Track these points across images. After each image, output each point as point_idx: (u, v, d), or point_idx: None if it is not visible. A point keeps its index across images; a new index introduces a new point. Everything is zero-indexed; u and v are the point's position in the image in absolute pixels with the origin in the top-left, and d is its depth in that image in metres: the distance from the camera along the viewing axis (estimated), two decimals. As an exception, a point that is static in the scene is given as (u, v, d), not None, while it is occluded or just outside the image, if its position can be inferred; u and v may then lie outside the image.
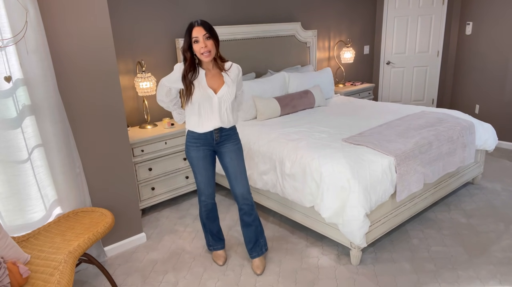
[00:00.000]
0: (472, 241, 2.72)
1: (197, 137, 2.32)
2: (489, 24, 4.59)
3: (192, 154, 2.37)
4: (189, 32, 2.11)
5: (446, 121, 3.19)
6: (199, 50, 2.11)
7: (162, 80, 2.33)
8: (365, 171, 2.43)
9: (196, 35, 2.09)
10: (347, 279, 2.39)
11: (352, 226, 2.33)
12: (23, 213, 2.26)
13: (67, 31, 2.30)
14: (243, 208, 2.44)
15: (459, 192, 3.46)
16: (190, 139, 2.36)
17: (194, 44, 2.11)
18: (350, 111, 3.78)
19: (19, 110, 2.19)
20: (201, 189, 2.47)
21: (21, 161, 2.22)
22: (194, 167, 2.41)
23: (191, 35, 2.10)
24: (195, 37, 2.09)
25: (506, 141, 4.60)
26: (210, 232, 2.62)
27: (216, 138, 2.32)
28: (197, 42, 2.10)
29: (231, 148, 2.37)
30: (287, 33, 4.43)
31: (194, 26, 2.10)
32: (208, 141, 2.33)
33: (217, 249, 2.64)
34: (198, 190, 2.50)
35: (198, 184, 2.47)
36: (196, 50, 2.12)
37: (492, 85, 4.65)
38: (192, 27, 2.10)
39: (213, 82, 2.23)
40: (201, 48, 2.10)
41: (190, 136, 2.35)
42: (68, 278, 1.72)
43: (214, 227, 2.61)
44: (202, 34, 2.09)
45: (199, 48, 2.10)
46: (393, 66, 5.63)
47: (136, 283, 2.46)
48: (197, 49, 2.11)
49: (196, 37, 2.09)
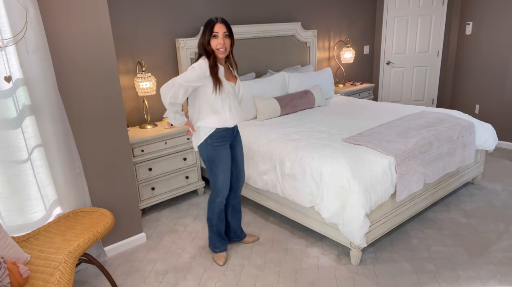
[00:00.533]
0: (472, 241, 2.72)
1: (224, 134, 2.34)
2: (489, 24, 4.59)
3: (221, 154, 2.35)
4: (211, 27, 2.16)
5: (446, 121, 3.19)
6: (216, 45, 2.18)
7: (178, 81, 2.19)
8: (365, 171, 2.43)
9: (217, 31, 2.16)
10: (347, 279, 2.39)
11: (352, 226, 2.34)
12: (23, 213, 2.27)
13: (67, 31, 2.30)
14: (238, 196, 2.66)
15: (459, 192, 3.47)
16: (216, 138, 2.31)
17: (212, 39, 2.18)
18: (350, 111, 3.78)
19: (19, 110, 2.19)
20: (220, 190, 2.44)
21: (21, 161, 2.22)
22: (218, 167, 2.36)
23: (212, 30, 2.16)
24: (215, 32, 2.16)
25: (506, 141, 4.60)
26: (218, 233, 2.60)
27: (235, 131, 2.44)
28: (215, 37, 2.17)
29: (240, 141, 2.55)
30: (287, 33, 4.43)
31: (216, 22, 2.17)
32: (230, 137, 2.40)
33: (223, 251, 2.63)
34: (215, 191, 2.45)
35: (218, 185, 2.42)
36: (213, 45, 2.18)
37: (492, 85, 4.65)
38: (213, 23, 2.17)
39: (228, 77, 2.31)
40: (218, 44, 2.17)
41: (217, 135, 2.31)
42: (68, 278, 1.72)
43: (222, 226, 2.61)
44: (223, 31, 2.17)
45: (216, 44, 2.17)
46: (393, 66, 5.63)
47: (136, 283, 2.46)
48: (214, 44, 2.18)
49: (217, 32, 2.16)
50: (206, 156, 2.37)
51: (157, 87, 3.59)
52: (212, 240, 2.63)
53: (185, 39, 3.58)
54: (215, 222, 2.56)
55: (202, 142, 2.35)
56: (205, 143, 2.34)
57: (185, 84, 2.18)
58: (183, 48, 3.58)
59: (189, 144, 3.44)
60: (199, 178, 3.61)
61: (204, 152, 2.37)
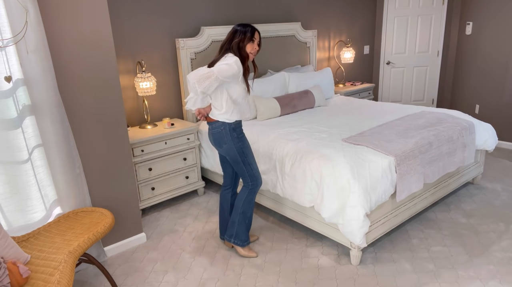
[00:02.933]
0: (472, 241, 2.72)
1: (241, 126, 2.48)
2: (489, 24, 4.59)
3: (247, 143, 2.49)
4: (252, 32, 2.37)
5: (446, 121, 3.19)
6: (251, 50, 2.39)
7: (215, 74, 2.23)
8: (365, 171, 2.43)
9: (256, 37, 2.40)
10: (347, 279, 2.39)
11: (352, 226, 2.34)
12: (24, 213, 2.27)
13: (67, 31, 2.30)
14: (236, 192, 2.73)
15: (459, 192, 3.47)
16: (238, 129, 2.44)
17: (250, 43, 2.37)
18: (350, 111, 3.78)
19: (19, 110, 2.19)
20: (257, 176, 2.54)
21: (22, 161, 2.22)
22: (249, 156, 2.49)
23: (253, 36, 2.37)
24: (255, 38, 2.38)
25: (506, 141, 4.60)
26: (249, 224, 2.64)
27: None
28: (253, 42, 2.38)
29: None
30: (287, 33, 4.43)
31: (256, 30, 2.39)
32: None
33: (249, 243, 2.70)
34: (254, 179, 2.53)
35: (255, 173, 2.53)
36: (249, 48, 2.37)
37: (492, 85, 4.65)
38: (254, 29, 2.38)
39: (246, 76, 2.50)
40: (254, 49, 2.40)
41: (238, 127, 2.44)
42: (68, 278, 1.72)
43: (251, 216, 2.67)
44: (258, 40, 2.41)
45: (252, 49, 2.39)
46: (393, 66, 5.63)
47: (136, 283, 2.46)
48: (250, 48, 2.38)
49: (255, 39, 2.39)
50: (237, 149, 2.44)
51: (157, 87, 3.59)
52: (243, 235, 2.63)
53: (185, 39, 3.58)
54: (250, 214, 2.62)
55: (229, 138, 2.41)
56: (231, 138, 2.42)
57: (220, 78, 2.26)
58: (183, 48, 3.58)
59: (189, 144, 3.44)
60: (199, 178, 3.61)
61: (234, 147, 2.44)
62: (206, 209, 3.39)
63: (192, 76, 2.28)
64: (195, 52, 3.67)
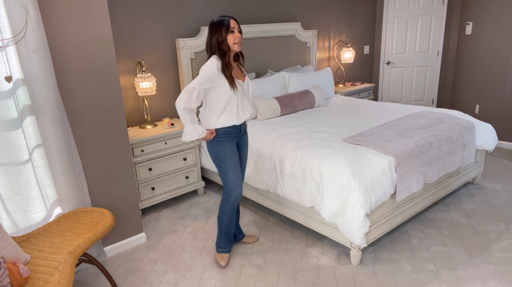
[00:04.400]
0: (472, 241, 2.72)
1: (229, 131, 2.36)
2: (489, 24, 4.59)
3: (227, 149, 2.37)
4: (227, 24, 2.23)
5: (446, 121, 3.19)
6: (234, 39, 2.24)
7: (191, 86, 2.21)
8: (365, 171, 2.43)
9: (233, 26, 2.24)
10: (347, 279, 2.40)
11: (352, 226, 2.34)
12: (25, 213, 2.27)
13: (67, 31, 2.30)
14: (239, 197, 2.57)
15: (459, 192, 3.46)
16: (222, 135, 2.35)
17: (229, 34, 2.24)
18: (350, 111, 3.78)
19: (19, 110, 2.19)
20: (233, 187, 2.42)
21: (23, 162, 2.22)
22: (227, 163, 2.38)
23: (229, 26, 2.22)
24: (232, 27, 2.23)
25: (506, 141, 4.60)
26: (227, 233, 2.57)
27: (242, 130, 2.44)
28: (232, 32, 2.24)
29: (245, 141, 2.54)
30: (287, 33, 4.43)
31: (229, 18, 2.25)
32: (237, 134, 2.41)
33: (226, 252, 2.61)
34: (228, 188, 2.43)
35: (229, 182, 2.41)
36: (231, 40, 2.24)
37: (492, 85, 4.65)
38: (228, 19, 2.24)
39: (236, 74, 2.34)
40: (236, 38, 2.24)
41: (222, 132, 2.35)
42: (68, 278, 1.72)
43: (232, 226, 2.58)
44: (237, 27, 2.26)
45: (234, 38, 2.24)
46: (393, 66, 5.63)
47: (136, 283, 2.46)
48: (232, 40, 2.24)
49: (233, 27, 2.24)
50: (213, 153, 2.40)
51: (157, 87, 3.59)
52: (219, 240, 2.60)
53: (185, 39, 3.58)
54: (226, 221, 2.53)
55: (209, 141, 2.38)
56: (211, 141, 2.38)
57: (197, 87, 2.21)
58: (183, 48, 3.58)
59: (189, 144, 3.44)
60: (199, 178, 3.61)
61: (211, 149, 2.41)
62: (206, 209, 3.39)
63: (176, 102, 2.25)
64: (195, 52, 3.67)
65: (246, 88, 2.40)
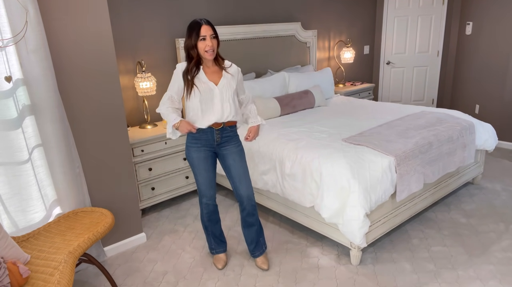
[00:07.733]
0: (472, 241, 2.72)
1: (198, 137, 2.32)
2: (489, 24, 4.59)
3: (193, 155, 2.36)
4: (197, 30, 2.14)
5: (446, 121, 3.19)
6: (205, 47, 2.16)
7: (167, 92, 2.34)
8: (365, 171, 2.43)
9: (204, 34, 2.14)
10: (347, 279, 2.39)
11: (352, 226, 2.34)
12: (25, 213, 2.27)
13: (67, 31, 2.30)
14: (247, 209, 2.44)
15: (459, 192, 3.46)
16: (190, 139, 2.35)
17: (200, 42, 2.16)
18: (350, 111, 3.78)
19: (19, 110, 2.19)
20: (202, 191, 2.44)
21: (22, 162, 2.22)
22: (194, 168, 2.39)
23: (199, 33, 2.14)
24: (203, 35, 2.14)
25: (506, 141, 4.60)
26: (213, 235, 2.58)
27: (217, 139, 2.33)
28: (203, 40, 2.15)
29: (233, 150, 2.39)
30: (287, 33, 4.43)
31: (202, 24, 2.15)
32: (209, 142, 2.34)
33: (219, 253, 2.61)
34: (199, 191, 2.46)
35: (199, 186, 2.43)
36: (201, 47, 2.17)
37: (492, 85, 4.65)
38: (200, 25, 2.14)
39: (213, 77, 2.28)
40: (206, 46, 2.16)
41: (191, 136, 2.34)
42: (68, 278, 1.72)
43: (216, 229, 2.57)
44: (210, 34, 2.15)
45: (205, 46, 2.16)
46: (393, 66, 5.64)
47: (136, 283, 2.46)
48: (203, 47, 2.17)
49: (204, 35, 2.14)
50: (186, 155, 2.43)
51: (157, 87, 3.59)
52: (208, 241, 2.62)
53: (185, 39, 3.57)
54: (206, 224, 2.54)
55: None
56: (186, 142, 2.41)
57: (168, 93, 2.31)
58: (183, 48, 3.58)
59: (189, 144, 3.44)
60: (199, 178, 3.61)
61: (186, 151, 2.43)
62: (206, 209, 3.39)
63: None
64: (195, 52, 3.67)
65: (217, 92, 2.26)
